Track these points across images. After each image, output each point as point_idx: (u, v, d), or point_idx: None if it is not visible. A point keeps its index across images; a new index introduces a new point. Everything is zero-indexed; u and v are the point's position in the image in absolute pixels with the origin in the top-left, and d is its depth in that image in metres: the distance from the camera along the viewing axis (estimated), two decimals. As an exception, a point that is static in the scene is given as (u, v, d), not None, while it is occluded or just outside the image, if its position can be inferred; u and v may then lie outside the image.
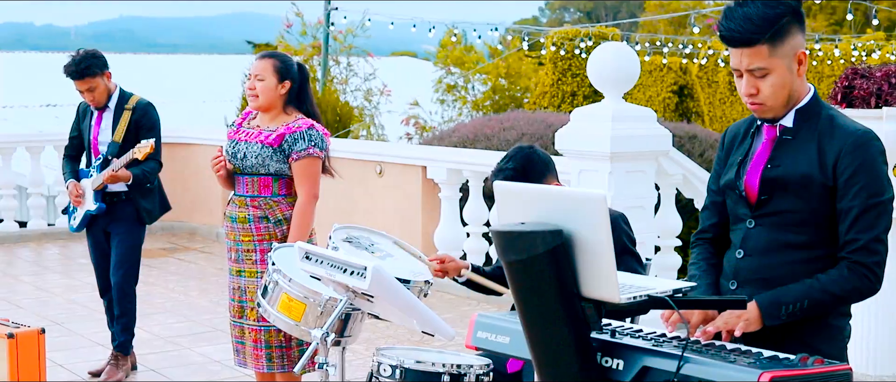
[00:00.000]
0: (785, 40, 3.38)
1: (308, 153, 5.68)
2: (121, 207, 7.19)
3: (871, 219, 3.34)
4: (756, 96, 3.43)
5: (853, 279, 3.35)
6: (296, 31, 19.98)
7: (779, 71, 3.39)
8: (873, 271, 3.36)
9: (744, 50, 3.39)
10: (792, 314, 3.35)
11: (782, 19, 3.37)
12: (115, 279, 7.24)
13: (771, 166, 3.46)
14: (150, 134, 7.15)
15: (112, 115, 7.20)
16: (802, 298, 3.35)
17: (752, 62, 3.38)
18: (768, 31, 3.35)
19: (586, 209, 2.98)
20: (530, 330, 3.14)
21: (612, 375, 3.14)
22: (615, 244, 4.43)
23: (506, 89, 23.88)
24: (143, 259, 7.48)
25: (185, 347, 8.01)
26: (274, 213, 5.72)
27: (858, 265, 3.35)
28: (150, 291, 9.73)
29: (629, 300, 3.05)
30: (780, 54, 3.38)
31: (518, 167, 4.66)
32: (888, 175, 3.40)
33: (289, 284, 4.81)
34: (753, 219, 3.51)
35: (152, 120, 7.22)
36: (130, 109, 7.18)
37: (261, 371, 5.70)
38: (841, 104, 6.86)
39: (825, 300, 3.36)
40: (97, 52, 7.23)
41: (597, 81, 8.19)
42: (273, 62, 5.80)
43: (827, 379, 3.01)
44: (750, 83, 3.42)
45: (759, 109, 3.45)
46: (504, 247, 3.04)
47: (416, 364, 4.35)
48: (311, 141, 5.69)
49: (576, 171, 8.22)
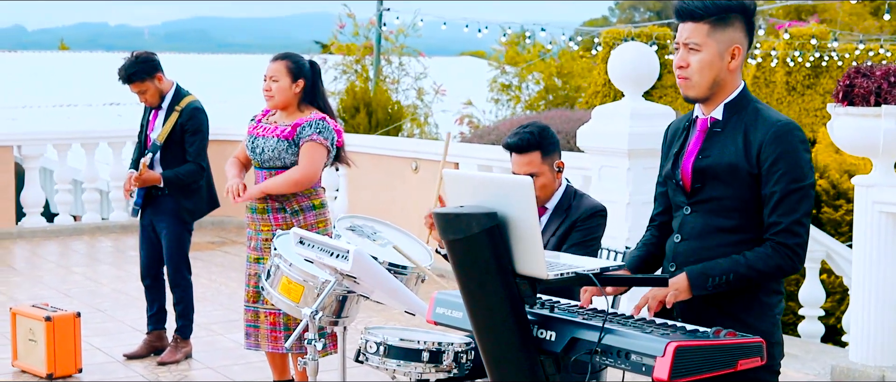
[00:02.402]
0: (725, 29, 3.70)
1: (311, 139, 6.05)
2: (162, 202, 7.53)
3: (792, 203, 3.61)
4: (685, 70, 3.74)
5: (776, 257, 3.61)
6: (348, 31, 20.37)
7: (710, 52, 3.69)
8: (795, 251, 3.62)
9: (687, 24, 3.71)
10: (718, 286, 3.62)
11: (730, 11, 3.70)
12: (167, 271, 7.64)
13: (702, 157, 3.75)
14: (195, 138, 7.48)
15: (164, 114, 7.54)
16: (728, 271, 3.62)
17: (690, 36, 3.71)
18: (714, 14, 3.68)
19: (517, 194, 3.29)
20: (470, 305, 3.45)
21: (546, 345, 3.44)
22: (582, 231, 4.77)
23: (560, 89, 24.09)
24: (192, 252, 7.83)
25: (218, 333, 8.39)
26: (291, 204, 6.10)
27: (781, 245, 3.61)
28: (195, 282, 10.07)
29: (556, 276, 3.35)
30: (716, 39, 3.69)
31: (534, 132, 4.93)
32: (809, 163, 3.66)
33: (289, 268, 5.15)
34: (689, 206, 3.79)
35: (198, 123, 7.51)
36: (179, 110, 7.51)
37: (279, 351, 6.08)
38: (842, 102, 7.08)
39: (750, 275, 3.62)
40: (148, 56, 7.54)
41: (617, 80, 8.46)
42: (286, 63, 6.16)
43: (734, 350, 3.28)
44: (683, 56, 3.74)
45: (684, 83, 3.76)
46: (444, 227, 3.36)
47: (400, 341, 4.67)
48: (316, 128, 6.06)
49: (596, 167, 8.49)
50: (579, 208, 4.90)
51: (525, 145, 4.86)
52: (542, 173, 4.84)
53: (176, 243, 7.60)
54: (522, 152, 4.86)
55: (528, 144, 4.86)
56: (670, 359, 3.13)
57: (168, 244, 7.58)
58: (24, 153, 13.17)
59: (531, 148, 4.85)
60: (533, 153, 4.84)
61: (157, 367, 7.45)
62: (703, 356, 3.21)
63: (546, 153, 4.86)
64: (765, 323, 3.69)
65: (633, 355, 3.22)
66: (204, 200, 7.71)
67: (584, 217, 4.89)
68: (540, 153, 4.85)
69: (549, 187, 4.87)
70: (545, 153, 4.86)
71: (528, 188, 3.26)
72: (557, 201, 4.93)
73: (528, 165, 4.84)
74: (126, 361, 7.60)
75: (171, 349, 7.59)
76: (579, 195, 4.96)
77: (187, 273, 7.66)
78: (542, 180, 4.84)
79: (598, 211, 4.94)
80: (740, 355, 3.30)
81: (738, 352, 3.30)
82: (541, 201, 4.88)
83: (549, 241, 4.88)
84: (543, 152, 4.85)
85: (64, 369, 7.16)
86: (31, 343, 7.21)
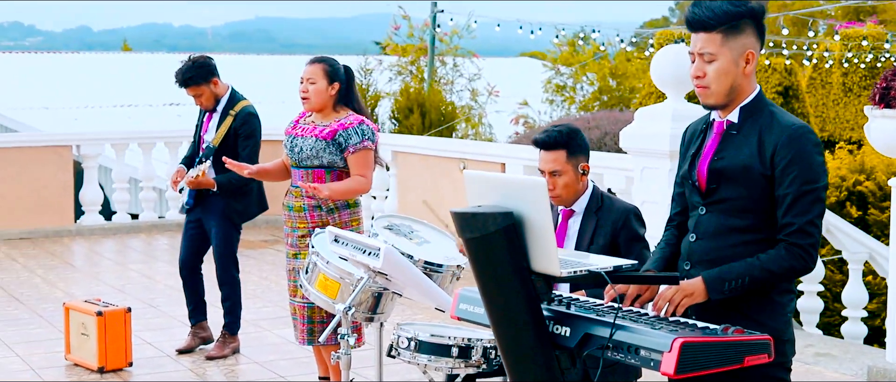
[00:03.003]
0: (738, 36, 3.79)
1: (363, 146, 6.23)
2: (212, 202, 7.72)
3: (805, 204, 3.71)
4: (702, 79, 3.84)
5: (789, 258, 3.71)
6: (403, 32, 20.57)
7: (725, 60, 3.79)
8: (808, 251, 3.72)
9: (701, 34, 3.82)
10: (734, 290, 3.73)
11: (740, 18, 3.79)
12: (216, 269, 7.84)
13: (717, 158, 3.86)
14: (248, 142, 7.66)
15: (218, 117, 7.74)
16: (744, 275, 3.72)
17: (704, 46, 3.81)
18: (725, 22, 3.78)
19: (531, 194, 3.43)
20: (488, 301, 3.59)
21: (560, 341, 3.57)
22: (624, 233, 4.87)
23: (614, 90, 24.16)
24: (245, 250, 8.03)
25: (265, 329, 8.58)
26: (325, 202, 6.27)
27: (794, 246, 3.71)
28: (245, 279, 10.27)
29: (570, 273, 3.48)
30: (729, 46, 3.79)
31: (563, 132, 5.05)
32: (822, 165, 3.76)
33: (326, 265, 5.31)
34: (704, 206, 3.90)
35: (251, 128, 7.69)
36: (233, 115, 7.69)
37: (303, 344, 6.27)
38: (879, 105, 7.13)
39: (764, 277, 3.73)
40: (205, 60, 7.73)
41: (658, 82, 8.56)
42: (323, 66, 6.33)
43: (741, 346, 3.39)
44: (699, 66, 3.84)
45: (703, 92, 3.86)
46: (461, 227, 3.50)
47: (430, 337, 4.81)
48: (364, 135, 6.24)
49: (639, 168, 8.60)
50: (612, 211, 5.00)
51: (552, 142, 4.99)
52: (565, 171, 4.96)
53: (225, 242, 7.79)
54: (549, 149, 4.99)
55: (555, 142, 4.98)
56: (676, 355, 3.24)
57: (217, 242, 7.77)
58: (82, 152, 13.49)
59: (558, 146, 4.97)
60: (559, 151, 4.96)
61: (205, 362, 7.65)
62: (710, 352, 3.33)
63: (572, 154, 4.97)
64: (777, 321, 3.79)
65: (643, 350, 3.34)
66: (254, 202, 7.90)
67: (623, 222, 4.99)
68: (566, 152, 4.96)
69: (573, 187, 4.98)
70: (571, 153, 4.97)
71: (541, 189, 3.39)
72: (586, 203, 5.03)
73: (553, 162, 4.97)
74: (176, 356, 7.80)
75: (219, 344, 7.78)
76: (607, 198, 5.07)
77: (235, 272, 7.85)
78: (566, 179, 4.96)
79: (633, 212, 5.05)
80: (747, 351, 3.41)
81: (745, 349, 3.40)
82: (566, 201, 5.00)
83: (584, 244, 4.98)
84: (569, 152, 4.97)
85: (114, 362, 7.37)
86: (83, 337, 7.43)
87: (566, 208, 5.04)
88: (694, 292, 3.73)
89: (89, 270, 11.26)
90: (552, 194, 4.96)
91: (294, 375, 7.34)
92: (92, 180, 13.59)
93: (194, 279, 8.00)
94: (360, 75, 18.47)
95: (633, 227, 4.96)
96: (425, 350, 4.81)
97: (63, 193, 13.35)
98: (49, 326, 8.63)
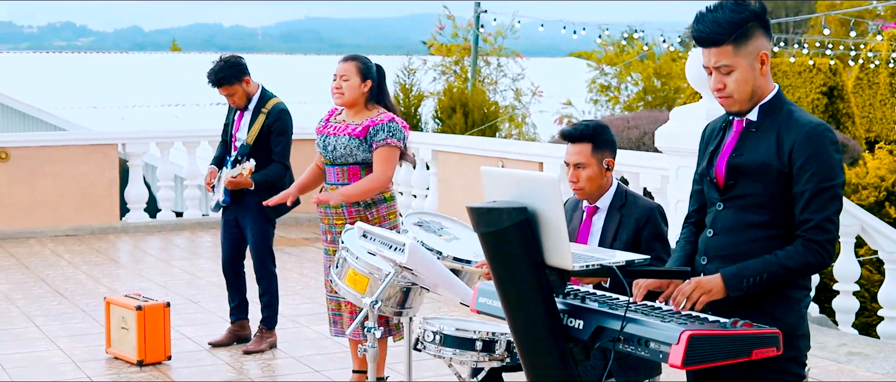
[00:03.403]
0: (748, 42, 3.84)
1: (386, 143, 6.33)
2: (248, 199, 7.86)
3: (822, 201, 3.77)
4: (723, 91, 3.89)
5: (807, 254, 3.77)
6: (448, 32, 20.67)
7: (742, 68, 3.85)
8: (824, 247, 3.78)
9: (712, 49, 3.86)
10: (752, 286, 3.79)
11: (747, 24, 3.84)
12: (253, 264, 7.98)
13: (735, 155, 3.92)
14: (281, 139, 7.80)
15: (250, 116, 7.88)
16: (762, 271, 3.78)
17: (718, 60, 3.86)
18: (733, 33, 3.82)
19: (545, 190, 3.51)
20: (504, 294, 3.68)
21: (574, 333, 3.66)
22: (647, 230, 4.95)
23: (659, 90, 24.15)
24: (286, 247, 8.15)
25: (304, 325, 8.71)
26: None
27: (811, 242, 3.77)
28: (285, 276, 10.48)
29: (582, 267, 3.57)
30: (743, 54, 3.84)
31: (590, 126, 5.14)
32: (840, 164, 3.82)
33: (355, 261, 5.43)
34: (722, 202, 3.97)
35: (283, 125, 7.83)
36: (266, 112, 7.84)
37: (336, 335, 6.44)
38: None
39: (782, 273, 3.79)
40: (236, 60, 7.87)
41: (694, 82, 8.61)
42: (356, 64, 6.46)
43: (749, 339, 3.46)
44: (718, 79, 3.89)
45: (726, 102, 3.92)
46: (477, 221, 3.59)
47: (455, 331, 4.91)
48: (390, 132, 6.34)
49: (674, 167, 8.65)
50: (636, 208, 5.07)
51: (578, 135, 5.07)
52: (589, 164, 5.03)
53: (260, 237, 7.91)
54: (575, 141, 5.08)
55: (581, 135, 5.06)
56: (684, 347, 3.32)
57: (253, 238, 7.90)
58: (128, 151, 13.70)
59: (583, 139, 5.05)
60: (584, 145, 5.04)
61: (243, 356, 7.78)
62: (718, 344, 3.40)
63: (597, 148, 5.05)
64: (791, 316, 3.85)
65: (652, 343, 3.42)
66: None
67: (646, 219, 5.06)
68: (591, 146, 5.04)
69: (596, 181, 5.05)
70: (596, 147, 5.05)
71: (553, 185, 3.48)
72: (610, 200, 5.11)
73: (578, 154, 5.05)
74: (212, 349, 7.95)
75: (257, 339, 7.92)
76: (632, 195, 5.14)
77: (272, 266, 7.98)
78: (589, 172, 5.03)
79: (657, 209, 5.12)
80: (756, 344, 3.48)
81: (754, 342, 3.47)
82: (589, 194, 5.07)
83: (607, 240, 5.05)
84: (594, 146, 5.04)
85: (153, 356, 7.52)
86: (124, 331, 7.58)
87: (591, 205, 5.12)
88: (712, 289, 3.79)
89: (133, 266, 11.44)
90: (576, 187, 5.05)
91: (330, 370, 7.46)
92: (137, 178, 13.80)
93: (238, 278, 8.15)
94: (403, 75, 18.60)
95: (655, 225, 5.03)
96: (450, 344, 4.91)
97: (109, 191, 13.57)
98: (92, 320, 8.81)
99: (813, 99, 20.18)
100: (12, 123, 26.96)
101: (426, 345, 5.00)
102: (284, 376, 7.39)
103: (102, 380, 7.23)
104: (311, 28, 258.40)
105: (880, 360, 7.69)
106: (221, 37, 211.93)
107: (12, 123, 27.04)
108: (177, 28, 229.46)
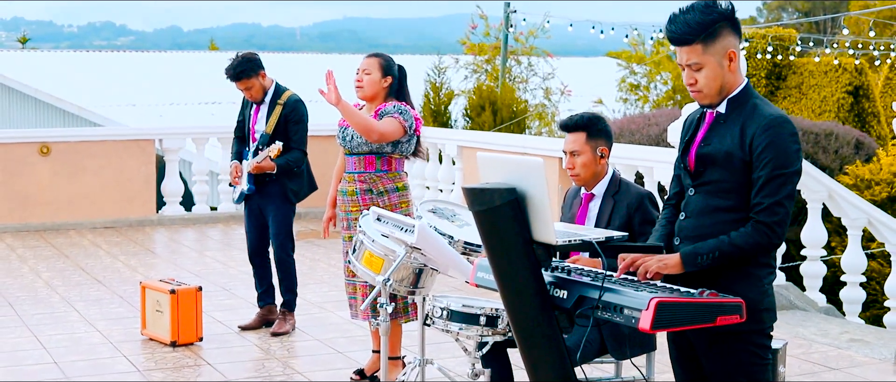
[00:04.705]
0: (717, 41, 4.21)
1: (392, 115, 6.74)
2: (271, 187, 8.32)
3: (775, 186, 4.12)
4: (695, 86, 4.27)
5: (755, 235, 4.13)
6: (480, 32, 21.08)
7: (711, 66, 4.21)
8: (773, 229, 4.12)
9: (683, 48, 4.24)
10: (705, 263, 4.13)
11: (715, 25, 4.20)
12: (274, 249, 8.42)
13: (704, 145, 4.29)
14: (298, 127, 8.27)
15: (267, 108, 8.33)
16: (714, 250, 4.14)
17: (689, 58, 4.23)
18: (702, 33, 4.18)
19: (531, 172, 3.91)
20: (496, 268, 4.08)
21: (559, 302, 4.06)
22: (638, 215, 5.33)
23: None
24: (315, 240, 8.55)
25: (329, 311, 9.13)
26: (376, 186, 6.81)
27: (760, 224, 4.13)
28: (314, 266, 10.92)
29: (565, 242, 3.96)
30: (711, 52, 4.21)
31: (585, 117, 5.58)
32: (797, 153, 4.17)
33: (372, 244, 5.83)
34: (693, 188, 4.34)
35: (299, 114, 8.30)
36: (282, 104, 8.29)
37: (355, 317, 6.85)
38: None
39: (732, 252, 4.14)
40: (252, 55, 8.36)
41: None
42: (378, 60, 6.87)
43: (713, 307, 3.85)
44: (689, 75, 4.27)
45: (697, 96, 4.29)
46: (471, 201, 3.99)
47: (462, 307, 5.30)
48: (397, 110, 6.77)
49: (685, 161, 8.99)
50: (628, 194, 5.47)
51: (574, 125, 5.49)
52: (584, 152, 5.44)
53: (283, 220, 8.37)
54: (570, 130, 5.50)
55: (576, 124, 5.48)
56: (652, 312, 3.71)
57: (275, 221, 8.35)
58: (164, 146, 14.18)
59: (578, 129, 5.47)
60: (579, 134, 5.45)
61: (270, 338, 8.21)
62: (683, 311, 3.79)
63: (591, 136, 5.45)
64: (752, 292, 4.18)
65: (626, 309, 3.81)
66: (305, 182, 8.48)
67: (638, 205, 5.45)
68: (585, 135, 5.44)
69: (591, 168, 5.45)
70: (590, 136, 5.45)
71: (539, 168, 3.87)
72: (605, 187, 5.50)
73: (573, 142, 5.46)
74: (241, 332, 8.38)
75: (280, 321, 8.35)
76: (625, 183, 5.54)
77: (292, 250, 8.42)
78: (584, 159, 5.44)
79: (647, 196, 5.50)
80: (719, 312, 3.86)
81: (718, 309, 3.86)
82: (585, 180, 5.47)
83: (602, 224, 5.44)
84: (589, 135, 5.44)
85: (186, 337, 7.96)
86: (158, 314, 8.02)
87: (587, 192, 5.51)
88: (670, 263, 4.16)
89: (169, 256, 11.90)
90: (572, 173, 5.46)
91: (351, 351, 7.87)
92: (173, 172, 14.30)
93: (264, 265, 8.60)
94: (434, 74, 19.02)
95: (646, 210, 5.42)
96: (457, 319, 5.30)
97: (146, 185, 14.06)
98: (128, 305, 9.26)
99: (838, 98, 20.46)
100: (53, 121, 27.62)
101: (435, 320, 5.40)
102: (308, 355, 7.80)
103: (138, 359, 7.66)
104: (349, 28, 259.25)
105: (879, 347, 8.02)
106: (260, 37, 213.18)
107: (53, 120, 27.70)
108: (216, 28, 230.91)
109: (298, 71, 24.48)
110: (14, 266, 11.12)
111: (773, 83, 21.70)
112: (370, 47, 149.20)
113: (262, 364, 7.62)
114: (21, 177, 13.47)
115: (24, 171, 13.47)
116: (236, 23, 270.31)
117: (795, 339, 8.26)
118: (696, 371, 4.34)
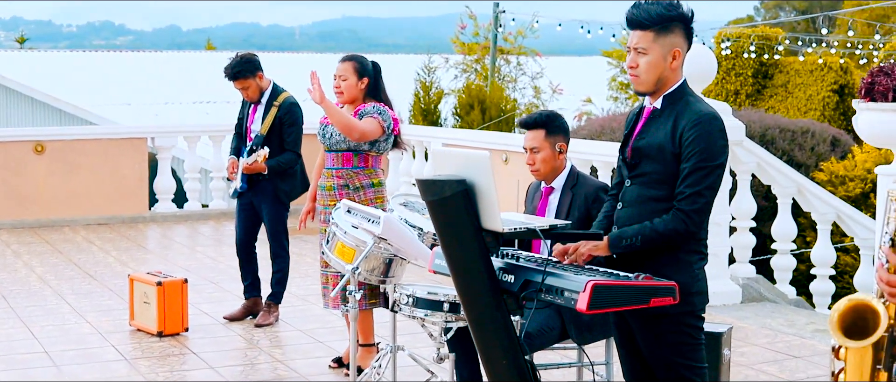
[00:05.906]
0: (668, 36, 4.50)
1: (372, 116, 7.02)
2: (263, 186, 8.60)
3: (698, 177, 4.41)
4: (635, 69, 4.56)
5: (673, 222, 4.42)
6: (469, 31, 21.37)
7: (655, 55, 4.50)
8: (690, 217, 4.41)
9: (636, 32, 4.53)
10: (629, 246, 4.44)
11: (672, 21, 4.50)
12: (270, 245, 8.71)
13: (639, 138, 4.59)
14: (292, 129, 8.54)
15: (263, 109, 8.62)
16: (637, 235, 4.44)
17: (639, 42, 4.52)
18: (658, 23, 4.48)
19: (478, 165, 4.20)
20: (448, 254, 4.37)
21: (507, 286, 4.35)
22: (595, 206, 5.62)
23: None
24: (303, 235, 8.80)
25: (311, 303, 9.43)
26: (353, 181, 7.10)
27: (680, 211, 4.42)
28: (301, 260, 11.20)
29: (511, 230, 4.25)
30: (660, 43, 4.50)
31: (544, 114, 5.88)
32: (723, 148, 4.46)
33: (343, 235, 6.12)
34: (629, 179, 4.64)
35: (294, 117, 8.58)
36: (277, 105, 8.57)
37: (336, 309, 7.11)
38: (865, 98, 7.79)
39: (654, 237, 4.43)
40: (251, 56, 8.64)
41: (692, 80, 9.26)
42: (353, 64, 7.16)
43: (647, 289, 4.14)
44: (633, 58, 4.56)
45: (634, 80, 4.58)
46: (424, 191, 4.29)
47: (427, 294, 5.59)
48: (376, 110, 7.07)
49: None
50: (585, 186, 5.76)
51: (532, 122, 5.78)
52: (543, 148, 5.73)
53: (277, 220, 8.65)
54: (530, 128, 5.79)
55: (535, 122, 5.78)
56: (589, 294, 4.01)
57: (269, 220, 8.63)
58: (157, 144, 14.49)
59: (537, 126, 5.76)
60: (538, 131, 5.75)
61: (254, 329, 8.51)
62: (618, 293, 4.09)
63: (550, 133, 5.74)
64: (683, 276, 4.46)
65: (566, 291, 4.11)
66: (298, 182, 8.74)
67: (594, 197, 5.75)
68: (544, 132, 5.74)
69: (550, 163, 5.74)
70: (549, 133, 5.74)
71: (485, 161, 4.17)
72: (564, 180, 5.80)
73: (533, 139, 5.76)
74: (226, 323, 8.68)
75: (265, 312, 8.65)
76: (583, 176, 5.83)
77: (287, 245, 8.71)
78: (543, 155, 5.73)
79: (602, 188, 5.80)
80: (653, 294, 4.16)
81: (651, 292, 4.16)
82: (545, 175, 5.76)
83: (562, 216, 5.74)
84: (547, 132, 5.74)
85: (172, 328, 8.25)
86: (145, 305, 8.32)
87: (547, 186, 5.81)
88: (598, 246, 4.47)
89: (160, 252, 12.20)
90: (532, 169, 5.75)
91: (331, 341, 8.16)
92: (165, 170, 14.60)
93: (250, 258, 8.89)
94: (424, 73, 19.32)
95: (602, 201, 5.71)
96: (422, 305, 5.59)
97: (139, 182, 14.36)
98: (118, 298, 9.55)
99: (824, 96, 20.75)
100: (49, 120, 27.91)
101: (401, 307, 5.69)
102: (290, 345, 8.10)
103: (125, 348, 7.96)
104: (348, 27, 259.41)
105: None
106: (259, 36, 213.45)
107: (49, 119, 27.99)
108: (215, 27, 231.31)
109: (297, 71, 24.69)
110: (9, 261, 11.42)
111: (760, 82, 22.00)
112: (369, 46, 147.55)
113: (244, 353, 7.92)
114: (17, 175, 13.76)
115: (19, 169, 13.76)
116: (235, 22, 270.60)
117: (762, 329, 8.56)
118: (638, 353, 4.64)
